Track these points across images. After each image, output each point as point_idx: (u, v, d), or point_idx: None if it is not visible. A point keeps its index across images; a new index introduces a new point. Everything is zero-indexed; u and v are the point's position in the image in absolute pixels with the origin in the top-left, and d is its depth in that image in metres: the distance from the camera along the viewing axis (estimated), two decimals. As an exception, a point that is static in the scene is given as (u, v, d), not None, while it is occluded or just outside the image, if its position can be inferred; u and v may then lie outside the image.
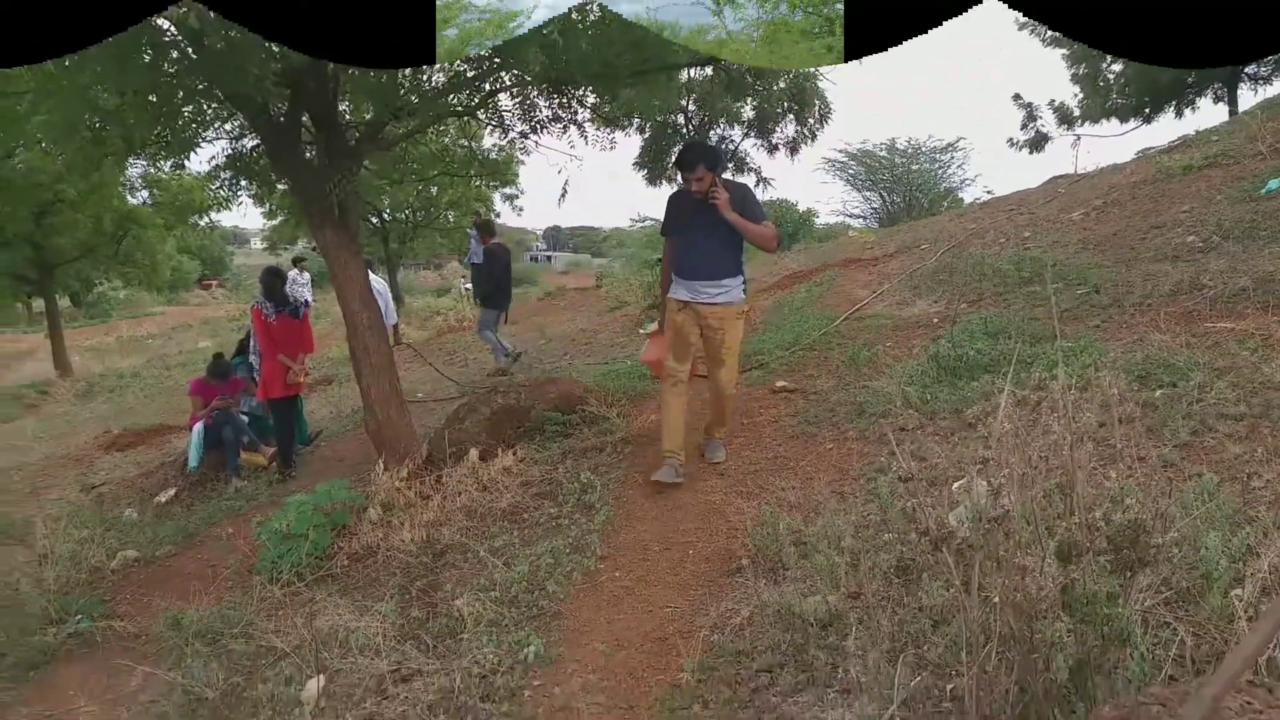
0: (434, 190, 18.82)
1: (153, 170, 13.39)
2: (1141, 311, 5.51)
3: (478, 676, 3.10)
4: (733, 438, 5.25)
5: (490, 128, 6.25)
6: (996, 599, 1.97)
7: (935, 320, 6.92)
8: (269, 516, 4.95)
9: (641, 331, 5.17)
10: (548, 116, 5.91)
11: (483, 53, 5.09)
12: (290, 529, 4.70)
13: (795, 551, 3.43)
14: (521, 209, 40.09)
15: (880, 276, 9.63)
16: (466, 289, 17.70)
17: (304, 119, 5.46)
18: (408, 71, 5.72)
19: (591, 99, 5.92)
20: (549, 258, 64.50)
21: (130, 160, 5.79)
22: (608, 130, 6.40)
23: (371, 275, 6.84)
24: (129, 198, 16.95)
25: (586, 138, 6.22)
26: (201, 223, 17.62)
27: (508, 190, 19.76)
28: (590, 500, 4.66)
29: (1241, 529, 2.66)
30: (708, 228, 4.62)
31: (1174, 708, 1.61)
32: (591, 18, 4.53)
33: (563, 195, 6.89)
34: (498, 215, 23.97)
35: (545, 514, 4.67)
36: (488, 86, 5.64)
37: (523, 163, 14.91)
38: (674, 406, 4.76)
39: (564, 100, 5.84)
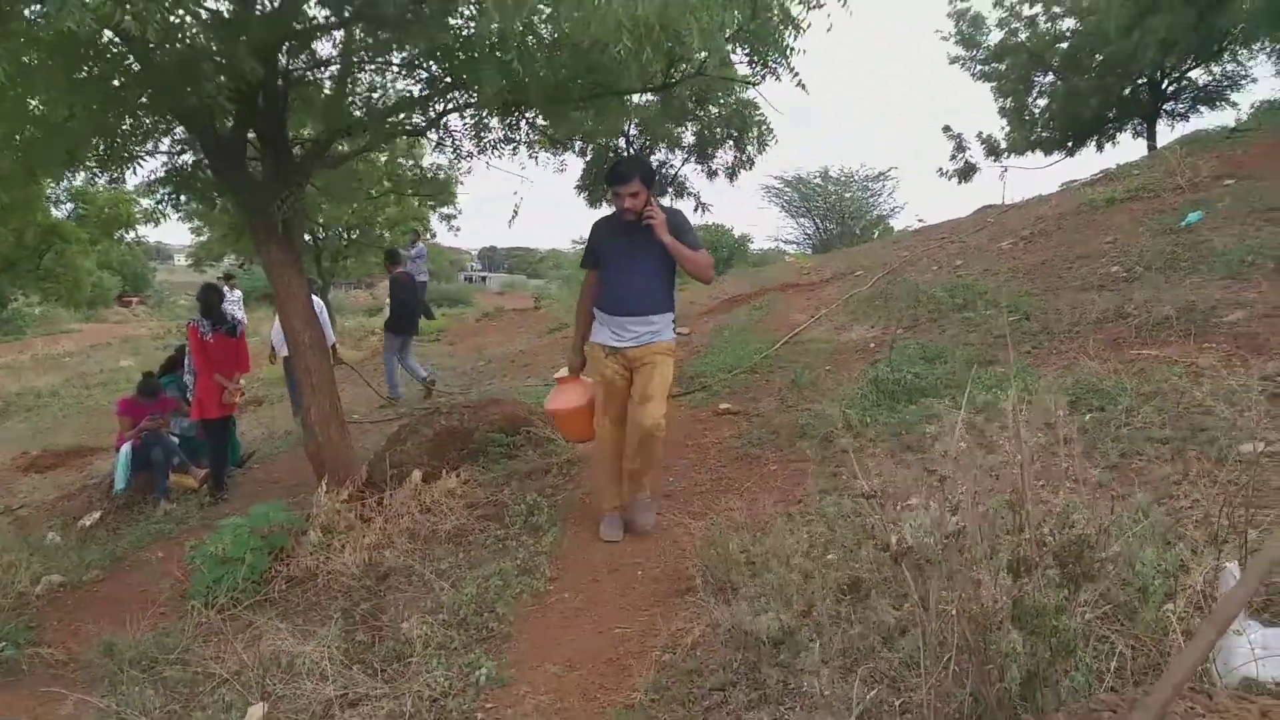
0: (371, 208, 18.59)
1: (81, 184, 13.00)
2: (1070, 338, 5.72)
3: (429, 700, 3.05)
4: (678, 459, 5.28)
5: (440, 147, 6.21)
6: (953, 611, 2.03)
7: (872, 345, 7.09)
8: (202, 540, 4.81)
9: (553, 376, 5.01)
10: (499, 138, 5.90)
11: (437, 72, 5.08)
12: (226, 552, 4.56)
13: (746, 570, 3.46)
14: (459, 229, 40.07)
15: (818, 301, 9.82)
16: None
17: (249, 135, 5.36)
18: (353, 89, 5.67)
19: (541, 121, 5.93)
20: (484, 278, 64.31)
21: (66, 173, 5.62)
22: (556, 152, 6.45)
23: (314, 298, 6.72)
24: (53, 211, 16.38)
25: (537, 159, 6.24)
26: (128, 238, 17.04)
27: (446, 210, 19.70)
28: (537, 522, 4.62)
29: (1173, 546, 2.77)
30: (638, 258, 4.18)
31: (1124, 714, 1.67)
32: (546, 41, 4.56)
33: (514, 215, 6.88)
34: (433, 235, 23.85)
35: (491, 536, 4.61)
36: (438, 107, 5.62)
37: (461, 183, 14.90)
38: (609, 464, 4.46)
39: (513, 121, 5.84)
